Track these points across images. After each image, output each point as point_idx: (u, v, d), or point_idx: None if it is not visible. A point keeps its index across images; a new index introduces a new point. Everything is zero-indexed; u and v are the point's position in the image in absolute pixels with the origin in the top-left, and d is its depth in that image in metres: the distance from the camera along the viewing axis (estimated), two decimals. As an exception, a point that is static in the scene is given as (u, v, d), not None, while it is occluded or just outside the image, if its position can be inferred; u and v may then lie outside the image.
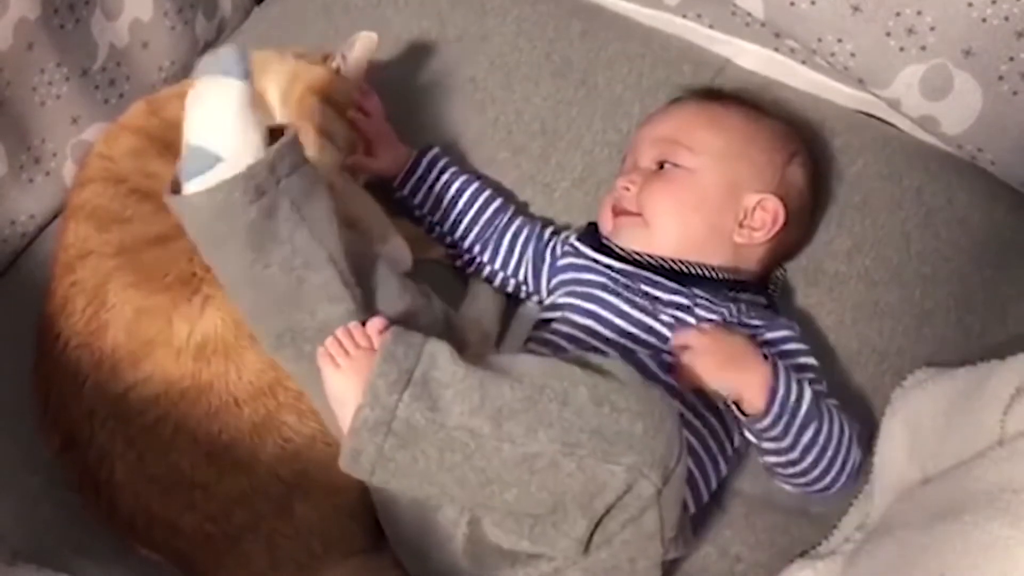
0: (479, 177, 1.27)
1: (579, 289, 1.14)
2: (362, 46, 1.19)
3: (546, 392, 0.88)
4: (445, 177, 1.24)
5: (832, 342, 1.21)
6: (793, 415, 1.03)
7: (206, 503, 0.99)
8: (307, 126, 1.14)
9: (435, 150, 1.26)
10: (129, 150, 1.11)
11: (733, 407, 1.04)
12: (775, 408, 1.02)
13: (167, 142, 1.09)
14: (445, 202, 1.23)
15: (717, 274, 1.15)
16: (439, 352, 0.90)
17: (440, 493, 0.91)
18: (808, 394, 1.04)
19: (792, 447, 1.04)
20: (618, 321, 1.11)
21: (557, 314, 1.14)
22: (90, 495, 1.03)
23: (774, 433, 1.04)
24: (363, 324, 0.94)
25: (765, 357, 1.04)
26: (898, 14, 1.19)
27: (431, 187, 1.24)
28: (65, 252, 1.08)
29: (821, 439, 1.04)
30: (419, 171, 1.24)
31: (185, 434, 0.99)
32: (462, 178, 1.25)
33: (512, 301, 1.25)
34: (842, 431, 1.06)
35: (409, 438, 0.87)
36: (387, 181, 1.25)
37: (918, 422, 1.05)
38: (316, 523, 1.02)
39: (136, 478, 1.00)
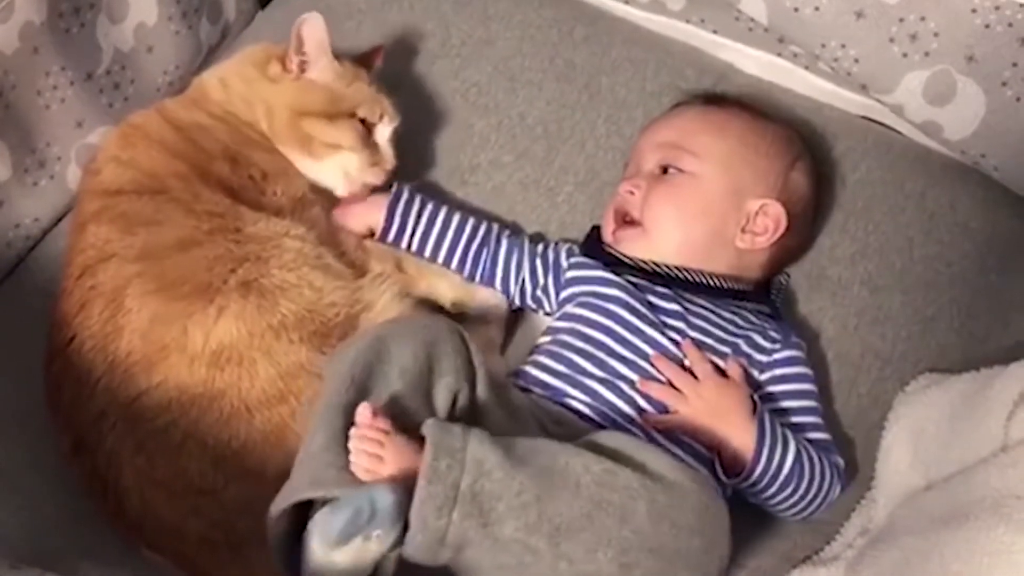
0: (455, 208, 1.24)
1: (592, 301, 1.13)
2: (310, 32, 1.17)
3: (604, 507, 0.87)
4: (424, 220, 1.21)
5: (835, 348, 1.22)
6: (773, 479, 1.05)
7: (212, 509, 0.99)
8: (312, 148, 1.17)
9: (404, 194, 1.22)
10: (174, 173, 1.11)
11: (715, 462, 1.05)
12: (754, 476, 1.04)
13: (203, 170, 1.12)
14: (429, 246, 1.22)
15: (721, 282, 1.15)
16: (486, 457, 0.87)
17: None
18: (791, 454, 1.05)
19: (768, 499, 1.07)
20: (628, 335, 1.10)
21: (567, 324, 1.14)
22: (98, 497, 1.03)
23: (752, 491, 1.06)
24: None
25: (755, 409, 1.05)
26: (901, 20, 1.19)
27: (412, 233, 1.21)
28: (84, 254, 1.07)
29: (800, 491, 1.06)
30: (396, 221, 1.21)
31: (195, 440, 0.99)
32: (441, 216, 1.22)
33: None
34: (822, 479, 1.07)
35: (461, 546, 0.86)
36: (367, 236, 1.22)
37: (921, 428, 1.06)
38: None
39: (144, 482, 1.00)
